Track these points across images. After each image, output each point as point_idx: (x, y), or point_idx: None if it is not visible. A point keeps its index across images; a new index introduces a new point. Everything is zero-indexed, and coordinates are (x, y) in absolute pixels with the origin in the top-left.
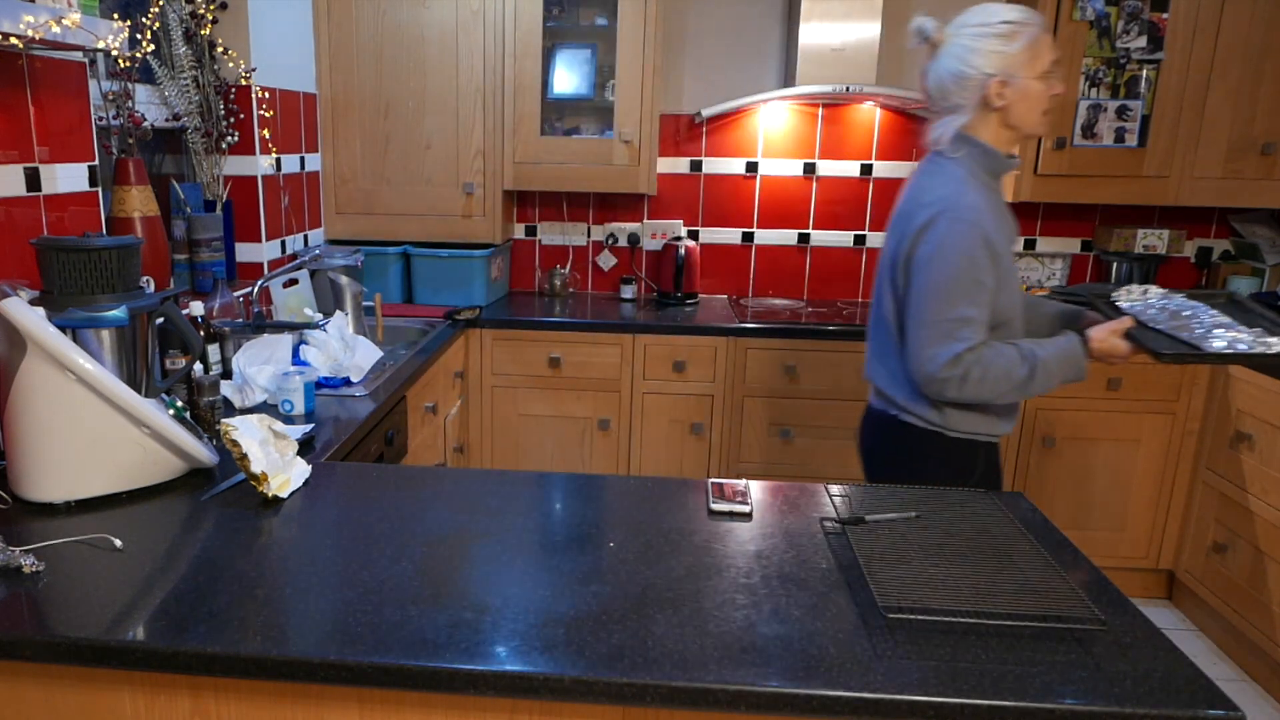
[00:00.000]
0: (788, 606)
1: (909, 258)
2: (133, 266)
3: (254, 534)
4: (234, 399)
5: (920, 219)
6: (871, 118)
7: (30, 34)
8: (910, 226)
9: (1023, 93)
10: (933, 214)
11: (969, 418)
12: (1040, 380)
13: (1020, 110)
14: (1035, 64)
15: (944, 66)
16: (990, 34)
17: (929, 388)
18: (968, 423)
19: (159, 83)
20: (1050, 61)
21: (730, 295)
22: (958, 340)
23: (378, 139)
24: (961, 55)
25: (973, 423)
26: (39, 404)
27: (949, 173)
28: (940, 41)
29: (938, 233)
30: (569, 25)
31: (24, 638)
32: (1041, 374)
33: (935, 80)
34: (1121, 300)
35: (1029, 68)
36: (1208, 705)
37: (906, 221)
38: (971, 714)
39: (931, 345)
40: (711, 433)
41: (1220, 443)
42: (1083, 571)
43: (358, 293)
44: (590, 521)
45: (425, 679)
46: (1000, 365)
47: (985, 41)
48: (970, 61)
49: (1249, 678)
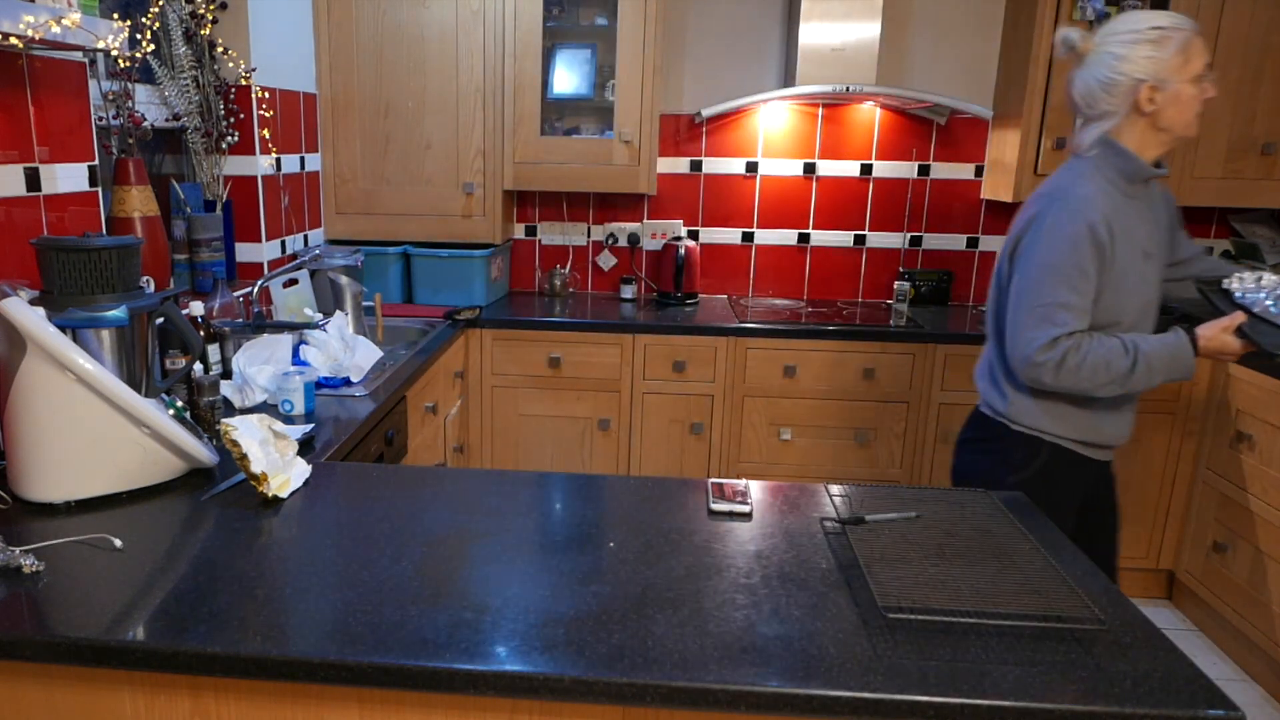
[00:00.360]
0: (788, 606)
1: (1015, 247)
2: (133, 266)
3: (254, 534)
4: (234, 399)
5: (1032, 210)
6: (871, 118)
7: (30, 34)
8: (1023, 218)
9: (1174, 97)
10: (1044, 205)
11: (1032, 412)
12: (1142, 375)
13: (1171, 114)
14: (1187, 68)
15: (1092, 74)
16: (1141, 40)
17: (1026, 373)
18: (1030, 417)
19: (159, 83)
20: (1203, 65)
21: (730, 295)
22: (1055, 324)
23: (378, 139)
24: (1110, 63)
25: (1036, 418)
26: (39, 404)
27: (1073, 169)
28: (1087, 51)
29: (1045, 221)
30: (569, 25)
31: (24, 638)
32: (1143, 368)
33: (1083, 88)
34: (1234, 286)
35: (1181, 72)
36: (1208, 705)
37: (1022, 215)
38: (971, 714)
39: (1029, 329)
40: (711, 433)
41: (1220, 443)
42: (1083, 571)
43: (358, 293)
44: (590, 521)
45: (425, 679)
46: (1100, 354)
47: (1136, 48)
48: (1120, 68)
49: (1249, 678)
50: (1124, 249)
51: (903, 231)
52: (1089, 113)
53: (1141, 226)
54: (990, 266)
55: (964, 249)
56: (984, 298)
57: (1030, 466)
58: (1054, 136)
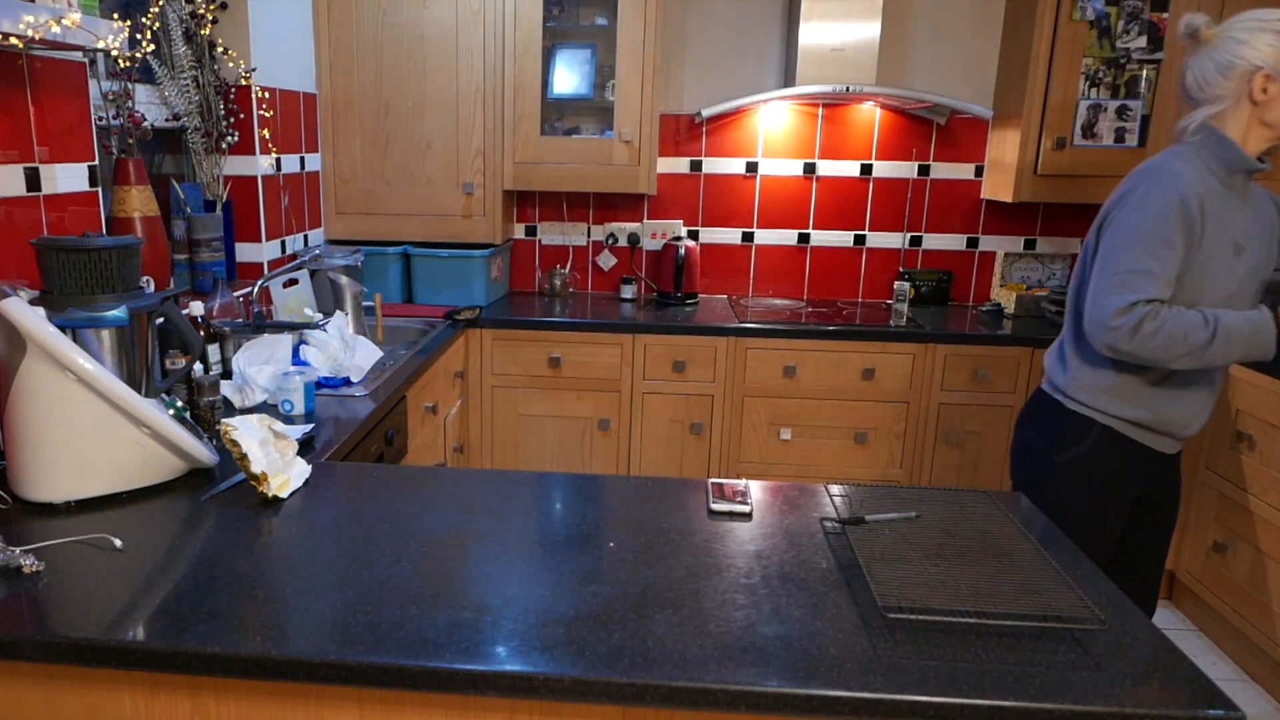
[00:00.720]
0: (788, 606)
1: (1103, 221)
2: (133, 266)
3: (254, 534)
4: (234, 399)
5: (1125, 187)
6: (871, 118)
7: (30, 34)
8: (1115, 195)
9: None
10: (1137, 180)
11: (1090, 389)
12: (1220, 348)
13: (1279, 110)
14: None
15: (1210, 58)
16: (1266, 30)
17: (1102, 339)
18: (1087, 394)
19: (159, 83)
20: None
21: (730, 295)
22: (1134, 291)
23: (378, 139)
24: (1232, 47)
25: (1093, 396)
26: (39, 404)
27: (1172, 151)
28: (1209, 38)
29: (1135, 194)
30: (569, 25)
31: (24, 638)
32: (1222, 341)
33: (1197, 72)
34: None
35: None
36: (1208, 705)
37: (1115, 193)
38: (971, 714)
39: (1107, 294)
40: (711, 433)
41: (1220, 443)
42: (1083, 571)
43: (358, 293)
44: (590, 521)
45: (425, 679)
46: (1179, 324)
47: (1260, 36)
48: (1239, 53)
49: (1249, 678)
50: (1214, 233)
51: (903, 231)
52: (1199, 96)
53: (1237, 218)
54: (990, 266)
55: (964, 249)
56: (983, 298)
57: (1079, 445)
58: (1054, 136)
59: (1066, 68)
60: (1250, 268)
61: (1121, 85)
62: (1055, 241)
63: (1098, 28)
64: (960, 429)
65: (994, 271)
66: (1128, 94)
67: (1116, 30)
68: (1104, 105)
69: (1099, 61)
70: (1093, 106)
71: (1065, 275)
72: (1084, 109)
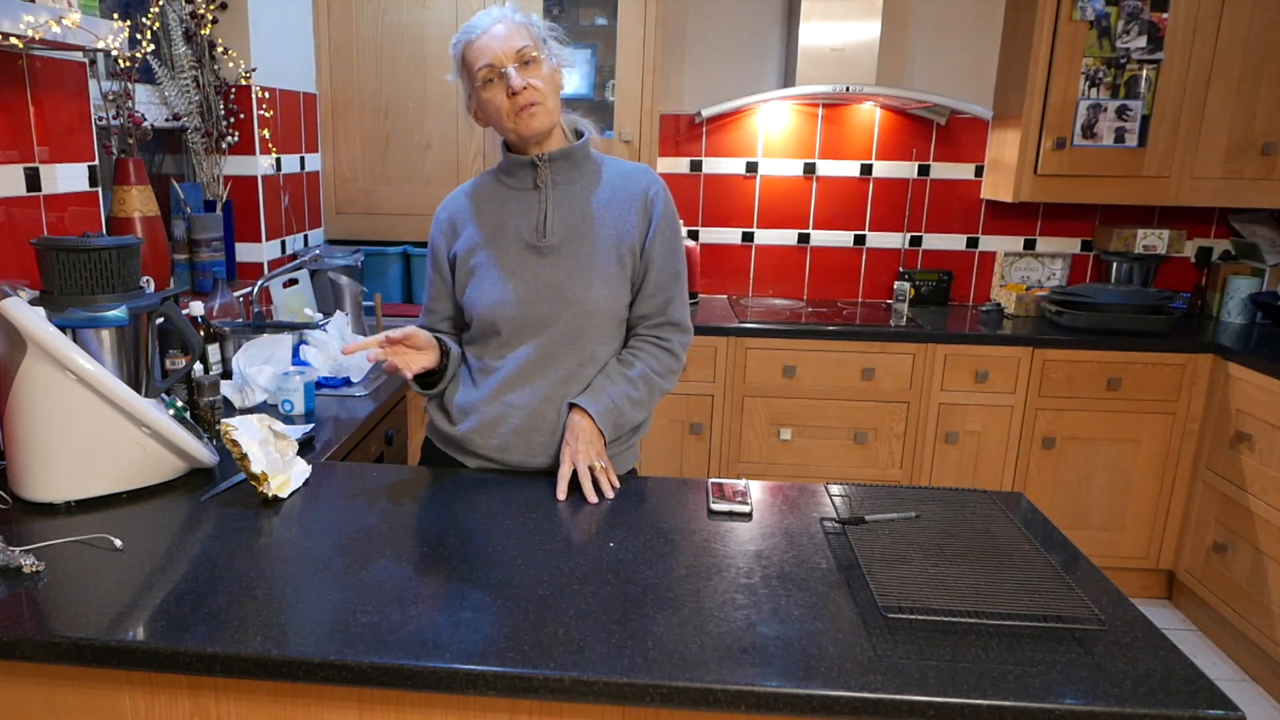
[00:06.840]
0: (788, 606)
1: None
2: (133, 266)
3: (254, 534)
4: (234, 399)
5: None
6: (871, 118)
7: (30, 34)
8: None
9: None
10: None
11: None
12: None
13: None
14: None
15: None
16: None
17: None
18: None
19: (159, 83)
20: None
21: (730, 295)
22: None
23: (378, 139)
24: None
25: None
26: (39, 404)
27: None
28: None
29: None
30: (569, 25)
31: (24, 638)
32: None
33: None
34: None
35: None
36: (1208, 705)
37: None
38: (971, 714)
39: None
40: (711, 433)
41: (1220, 443)
42: (1083, 571)
43: (358, 293)
44: (590, 521)
45: (425, 679)
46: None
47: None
48: None
49: (1249, 678)
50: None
51: (903, 231)
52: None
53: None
54: (990, 266)
55: (964, 249)
56: (983, 298)
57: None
58: (1054, 136)
59: (1066, 68)
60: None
61: (1121, 85)
62: (1055, 241)
63: (1098, 28)
64: (960, 429)
65: (994, 271)
66: (1128, 94)
67: (1116, 30)
68: (1104, 105)
69: (1099, 61)
70: (1093, 106)
71: (1065, 275)
72: (1084, 109)
